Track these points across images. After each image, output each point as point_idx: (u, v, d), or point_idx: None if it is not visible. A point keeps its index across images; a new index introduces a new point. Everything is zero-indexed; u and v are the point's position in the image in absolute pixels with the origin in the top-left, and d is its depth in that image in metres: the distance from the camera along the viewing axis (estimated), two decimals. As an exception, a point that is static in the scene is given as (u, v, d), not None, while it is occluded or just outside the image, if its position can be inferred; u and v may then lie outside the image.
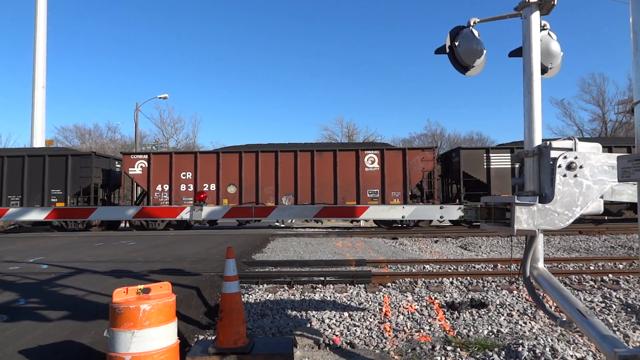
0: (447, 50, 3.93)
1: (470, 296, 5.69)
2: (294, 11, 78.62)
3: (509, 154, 16.94)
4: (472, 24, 3.89)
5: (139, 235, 14.77)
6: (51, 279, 6.44)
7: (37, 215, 17.05)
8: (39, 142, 29.38)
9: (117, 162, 19.22)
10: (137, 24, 76.18)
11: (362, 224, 19.65)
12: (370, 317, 4.91)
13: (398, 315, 4.97)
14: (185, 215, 16.76)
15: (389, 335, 4.38)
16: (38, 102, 30.02)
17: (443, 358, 3.73)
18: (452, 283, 6.54)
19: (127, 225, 18.52)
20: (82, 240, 13.10)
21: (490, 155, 17.02)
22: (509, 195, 11.25)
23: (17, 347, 3.52)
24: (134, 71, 75.02)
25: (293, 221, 20.35)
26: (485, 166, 16.95)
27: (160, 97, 31.79)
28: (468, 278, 6.74)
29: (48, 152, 17.92)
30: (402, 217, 16.23)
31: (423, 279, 6.71)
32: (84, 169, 17.20)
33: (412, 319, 4.83)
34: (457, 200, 17.34)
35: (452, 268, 7.98)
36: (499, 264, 8.04)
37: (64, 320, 4.24)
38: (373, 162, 16.74)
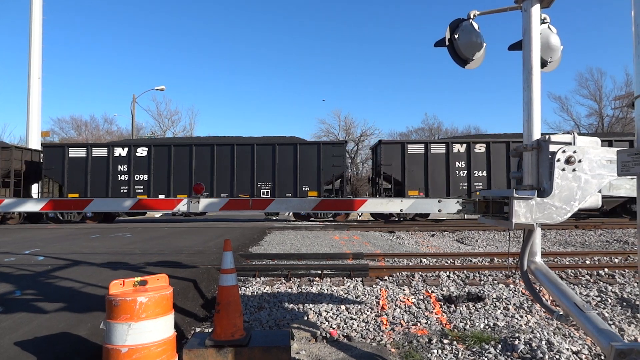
0: (447, 43, 3.90)
1: (467, 290, 5.70)
2: (291, 6, 78.06)
3: None
4: (472, 16, 3.85)
5: (135, 228, 14.74)
6: (47, 270, 6.42)
7: (33, 206, 16.94)
8: (34, 134, 29.11)
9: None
10: (134, 15, 75.50)
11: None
12: (367, 310, 4.92)
13: (395, 309, 4.98)
14: (182, 207, 16.71)
15: (386, 328, 4.39)
16: (34, 93, 29.69)
17: (440, 351, 3.74)
18: (449, 277, 6.56)
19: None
20: (79, 232, 13.06)
21: None
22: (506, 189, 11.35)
23: (13, 338, 3.50)
24: (131, 63, 74.51)
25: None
26: None
27: (157, 89, 31.64)
28: (465, 272, 6.76)
29: (299, 142, 17.62)
30: None
31: (420, 273, 6.72)
32: (337, 157, 16.96)
33: (409, 312, 4.84)
34: None
35: (449, 262, 8.00)
36: (495, 258, 8.07)
37: (60, 312, 4.22)
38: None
